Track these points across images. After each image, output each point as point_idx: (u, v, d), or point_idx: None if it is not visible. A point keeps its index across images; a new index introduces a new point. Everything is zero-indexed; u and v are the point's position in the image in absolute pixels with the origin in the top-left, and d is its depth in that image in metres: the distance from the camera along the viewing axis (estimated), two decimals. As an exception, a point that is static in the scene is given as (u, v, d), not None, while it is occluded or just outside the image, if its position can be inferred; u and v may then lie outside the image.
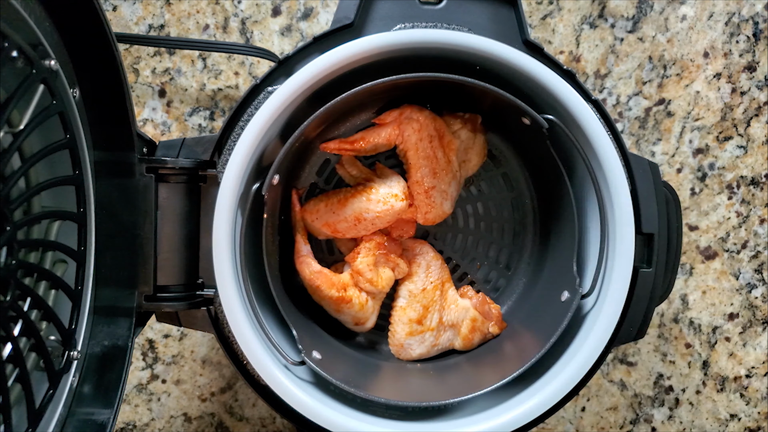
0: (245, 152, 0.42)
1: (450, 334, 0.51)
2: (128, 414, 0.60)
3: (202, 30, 0.58)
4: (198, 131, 0.59)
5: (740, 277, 0.61)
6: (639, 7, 0.59)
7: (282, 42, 0.58)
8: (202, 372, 0.60)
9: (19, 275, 0.32)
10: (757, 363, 0.62)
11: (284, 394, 0.42)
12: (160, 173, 0.42)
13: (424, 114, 0.48)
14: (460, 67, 0.43)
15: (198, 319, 0.45)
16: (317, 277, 0.48)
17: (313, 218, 0.49)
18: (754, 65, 0.59)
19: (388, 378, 0.49)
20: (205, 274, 0.44)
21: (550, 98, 0.43)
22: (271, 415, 0.61)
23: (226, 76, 0.58)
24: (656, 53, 0.59)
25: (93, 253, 0.39)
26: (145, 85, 0.58)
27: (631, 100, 0.59)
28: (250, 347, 0.43)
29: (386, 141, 0.48)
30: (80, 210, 0.37)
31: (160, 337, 0.60)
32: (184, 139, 0.44)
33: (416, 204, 0.49)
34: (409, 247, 0.52)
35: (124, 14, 0.57)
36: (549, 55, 0.44)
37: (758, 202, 0.61)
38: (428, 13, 0.45)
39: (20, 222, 0.32)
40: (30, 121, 0.32)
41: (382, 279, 0.49)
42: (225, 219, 0.42)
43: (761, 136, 0.60)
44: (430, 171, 0.49)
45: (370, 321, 0.51)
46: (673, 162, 0.60)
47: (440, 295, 0.51)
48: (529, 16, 0.58)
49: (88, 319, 0.40)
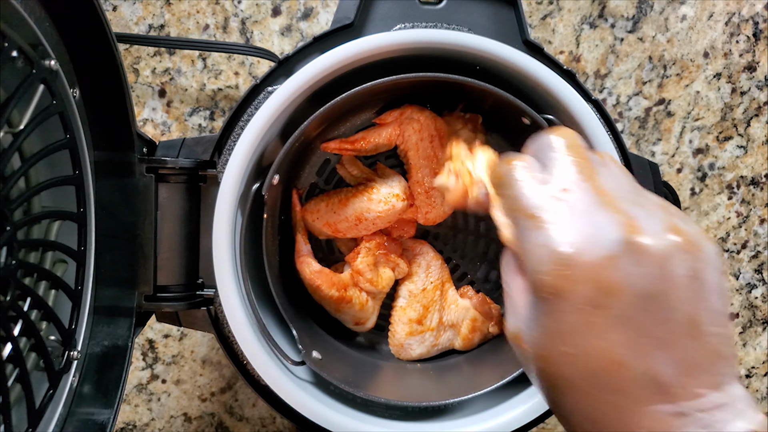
0: (245, 152, 0.42)
1: (450, 334, 0.51)
2: (128, 414, 0.60)
3: (202, 30, 0.58)
4: (198, 131, 0.59)
5: (740, 277, 0.61)
6: (639, 7, 0.59)
7: (282, 42, 0.58)
8: (202, 372, 0.60)
9: (19, 275, 0.32)
10: (757, 363, 0.62)
11: (284, 394, 0.42)
12: (160, 173, 0.42)
13: (424, 114, 0.48)
14: (460, 67, 0.43)
15: (198, 319, 0.45)
16: (317, 276, 0.48)
17: (314, 218, 0.49)
18: (754, 65, 0.59)
19: (388, 378, 0.49)
20: (205, 274, 0.44)
21: (550, 98, 0.43)
22: (271, 415, 0.61)
23: (226, 76, 0.58)
24: (656, 53, 0.59)
25: (93, 253, 0.39)
26: (145, 85, 0.58)
27: (631, 100, 0.59)
28: (250, 347, 0.43)
29: (387, 141, 0.48)
30: (80, 210, 0.37)
31: (160, 337, 0.60)
32: (184, 139, 0.44)
33: (416, 204, 0.49)
34: (409, 247, 0.52)
35: (124, 14, 0.57)
36: (549, 55, 0.44)
37: (758, 202, 0.61)
38: (428, 13, 0.45)
39: (20, 222, 0.32)
40: (30, 121, 0.32)
41: (382, 279, 0.49)
42: (225, 219, 0.42)
43: (761, 136, 0.60)
44: (430, 171, 0.49)
45: (370, 321, 0.51)
46: (673, 162, 0.60)
47: (440, 295, 0.51)
48: (529, 16, 0.58)
49: (88, 319, 0.40)
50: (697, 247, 0.26)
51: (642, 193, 0.28)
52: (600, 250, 0.25)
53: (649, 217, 0.26)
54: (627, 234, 0.25)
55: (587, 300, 0.25)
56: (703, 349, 0.25)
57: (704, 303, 0.26)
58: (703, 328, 0.25)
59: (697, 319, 0.25)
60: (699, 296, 0.26)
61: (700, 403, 0.24)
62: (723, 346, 0.25)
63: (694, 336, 0.25)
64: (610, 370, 0.25)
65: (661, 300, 0.25)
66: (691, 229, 0.26)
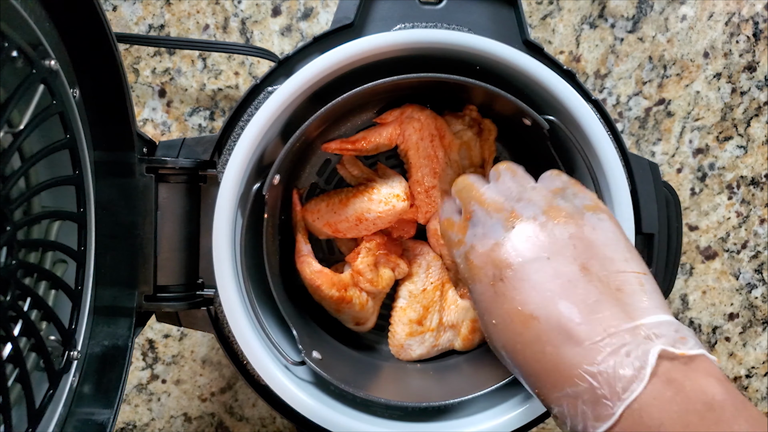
0: (245, 152, 0.42)
1: (450, 334, 0.51)
2: (128, 414, 0.60)
3: (202, 30, 0.58)
4: (198, 131, 0.59)
5: (740, 277, 0.61)
6: (639, 7, 0.59)
7: (282, 42, 0.58)
8: (202, 372, 0.60)
9: (19, 275, 0.32)
10: (757, 363, 0.62)
11: (284, 394, 0.42)
12: (160, 173, 0.42)
13: (425, 113, 0.48)
14: (460, 67, 0.43)
15: (198, 319, 0.45)
16: (318, 276, 0.48)
17: (314, 218, 0.49)
18: (754, 65, 0.59)
19: (388, 378, 0.49)
20: (205, 274, 0.44)
21: (550, 98, 0.43)
22: (271, 415, 0.61)
23: (226, 76, 0.58)
24: (656, 53, 0.59)
25: (93, 253, 0.39)
26: (145, 85, 0.58)
27: (631, 100, 0.59)
28: (250, 347, 0.43)
29: (387, 141, 0.48)
30: (80, 210, 0.37)
31: (160, 337, 0.60)
32: (184, 139, 0.44)
33: (417, 204, 0.49)
34: (410, 247, 0.52)
35: (124, 14, 0.57)
36: (549, 55, 0.44)
37: (758, 202, 0.61)
38: (428, 13, 0.45)
39: (20, 222, 0.32)
40: (30, 121, 0.32)
41: (382, 279, 0.49)
42: (225, 219, 0.42)
43: (761, 136, 0.60)
44: (430, 171, 0.49)
45: (370, 321, 0.51)
46: (673, 162, 0.60)
47: (440, 295, 0.51)
48: (529, 16, 0.58)
49: (88, 319, 0.40)
50: (576, 216, 0.33)
51: (525, 188, 0.37)
52: (490, 241, 0.34)
53: (527, 206, 0.34)
54: (507, 223, 0.34)
55: (491, 275, 0.33)
56: (600, 290, 0.30)
57: (593, 254, 0.32)
58: (596, 273, 0.31)
59: (588, 268, 0.31)
60: (587, 251, 0.32)
61: (609, 334, 0.28)
62: (627, 284, 0.31)
63: (589, 281, 0.31)
64: (528, 324, 0.31)
65: (551, 261, 0.32)
66: (569, 205, 0.34)
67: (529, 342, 0.31)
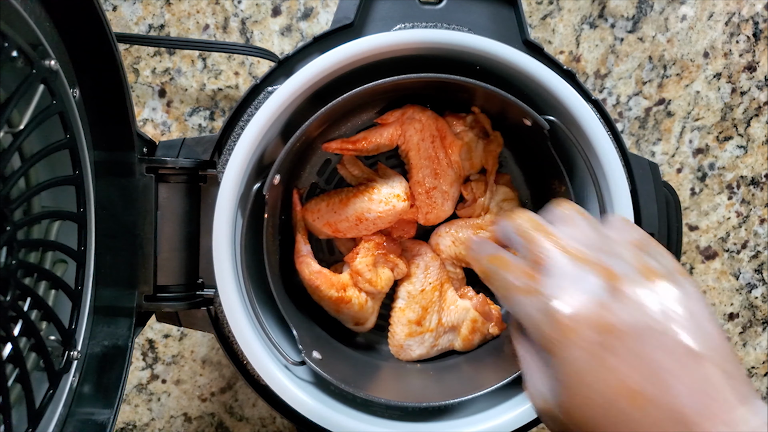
0: (245, 152, 0.42)
1: (450, 335, 0.51)
2: (128, 414, 0.60)
3: (202, 30, 0.58)
4: (198, 131, 0.59)
5: (740, 277, 0.61)
6: (639, 7, 0.59)
7: (282, 42, 0.58)
8: (202, 372, 0.60)
9: (19, 275, 0.32)
10: (757, 363, 0.62)
11: (284, 394, 0.42)
12: (160, 173, 0.42)
13: (426, 114, 0.48)
14: (460, 67, 0.43)
15: (198, 319, 0.45)
16: (317, 277, 0.48)
17: (315, 218, 0.49)
18: (754, 65, 0.59)
19: (388, 378, 0.49)
20: (205, 274, 0.44)
21: (550, 98, 0.43)
22: (271, 415, 0.61)
23: (226, 76, 0.58)
24: (656, 53, 0.59)
25: (93, 253, 0.39)
26: (145, 85, 0.58)
27: (631, 100, 0.59)
28: (250, 347, 0.43)
29: (388, 141, 0.48)
30: (80, 210, 0.37)
31: (160, 337, 0.60)
32: (184, 139, 0.44)
33: (417, 204, 0.49)
34: (408, 247, 0.52)
35: (124, 14, 0.57)
36: (549, 55, 0.44)
37: (758, 202, 0.61)
38: (428, 13, 0.45)
39: (20, 222, 0.32)
40: (30, 121, 0.32)
41: (381, 279, 0.49)
42: (225, 219, 0.42)
43: (761, 136, 0.60)
44: (431, 171, 0.49)
45: (369, 321, 0.51)
46: (673, 162, 0.60)
47: (439, 296, 0.51)
48: (529, 16, 0.58)
49: (88, 319, 0.40)
50: (671, 280, 0.29)
51: (608, 237, 0.31)
52: (589, 298, 0.28)
53: (619, 263, 0.29)
54: (607, 281, 0.28)
55: (592, 341, 0.27)
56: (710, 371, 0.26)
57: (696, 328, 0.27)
58: (702, 352, 0.27)
59: (694, 344, 0.27)
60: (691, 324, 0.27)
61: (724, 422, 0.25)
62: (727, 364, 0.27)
63: (697, 361, 0.26)
64: (633, 401, 0.26)
65: (657, 333, 0.27)
66: (659, 265, 0.30)
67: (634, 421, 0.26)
